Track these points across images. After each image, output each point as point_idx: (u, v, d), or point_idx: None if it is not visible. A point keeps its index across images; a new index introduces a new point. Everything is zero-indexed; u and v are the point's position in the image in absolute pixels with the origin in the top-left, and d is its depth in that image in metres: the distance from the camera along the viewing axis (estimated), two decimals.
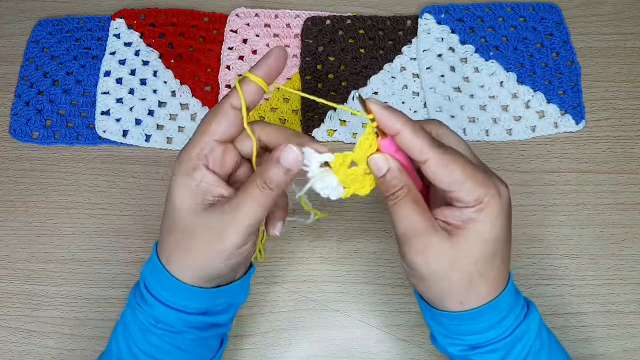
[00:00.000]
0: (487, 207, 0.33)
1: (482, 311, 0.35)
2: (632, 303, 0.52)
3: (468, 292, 0.35)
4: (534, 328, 0.37)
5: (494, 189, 0.34)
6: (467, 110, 0.59)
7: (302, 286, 0.53)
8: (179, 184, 0.35)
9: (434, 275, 0.35)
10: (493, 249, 0.34)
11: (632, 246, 0.54)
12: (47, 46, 0.63)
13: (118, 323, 0.40)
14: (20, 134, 0.59)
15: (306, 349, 0.51)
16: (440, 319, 0.37)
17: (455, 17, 0.63)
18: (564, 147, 0.58)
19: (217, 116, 0.36)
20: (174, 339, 0.37)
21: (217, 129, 0.36)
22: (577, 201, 0.56)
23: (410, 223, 0.34)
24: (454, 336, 0.37)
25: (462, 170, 0.33)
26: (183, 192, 0.35)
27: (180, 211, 0.35)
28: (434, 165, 0.33)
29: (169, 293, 0.36)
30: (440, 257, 0.34)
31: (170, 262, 0.36)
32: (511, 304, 0.36)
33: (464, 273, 0.34)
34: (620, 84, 0.60)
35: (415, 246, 0.34)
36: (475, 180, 0.33)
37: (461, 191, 0.33)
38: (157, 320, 0.37)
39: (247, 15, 0.64)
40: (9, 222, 0.56)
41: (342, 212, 0.55)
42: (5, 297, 0.53)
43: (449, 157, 0.33)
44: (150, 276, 0.37)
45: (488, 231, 0.34)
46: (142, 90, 0.60)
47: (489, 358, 0.36)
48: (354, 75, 0.61)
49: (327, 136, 0.59)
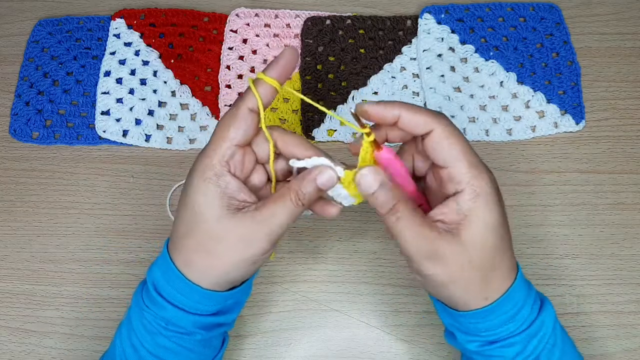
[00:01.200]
0: (482, 192, 0.34)
1: (499, 304, 0.35)
2: (632, 303, 0.52)
3: (487, 286, 0.35)
4: (550, 324, 0.37)
5: (485, 173, 0.35)
6: (467, 110, 0.59)
7: (302, 286, 0.53)
8: (202, 190, 0.35)
9: (454, 280, 0.35)
10: (499, 235, 0.35)
11: (632, 246, 0.54)
12: (47, 46, 0.63)
13: (122, 323, 0.40)
14: (20, 134, 0.59)
15: (306, 349, 0.51)
16: (459, 318, 0.37)
17: (455, 17, 0.63)
18: (564, 147, 0.58)
19: (236, 120, 0.36)
20: (182, 340, 0.37)
21: (237, 134, 0.36)
22: (577, 201, 0.56)
23: (419, 236, 0.34)
24: (471, 332, 0.37)
25: (461, 147, 0.34)
26: (208, 199, 0.35)
27: (203, 215, 0.35)
28: (437, 136, 0.34)
29: (183, 296, 0.36)
30: (456, 260, 0.34)
31: (190, 266, 0.36)
32: (524, 295, 0.36)
33: (481, 269, 0.34)
34: (620, 84, 0.60)
35: (429, 257, 0.34)
36: (470, 160, 0.34)
37: (455, 167, 0.34)
38: (168, 322, 0.37)
39: (247, 15, 0.64)
40: (9, 222, 0.56)
41: (342, 212, 0.55)
42: (5, 297, 0.53)
43: (452, 130, 0.35)
44: (162, 278, 0.37)
45: (489, 217, 0.34)
46: (142, 90, 0.60)
47: (505, 352, 0.36)
48: (354, 75, 0.61)
49: (327, 136, 0.59)
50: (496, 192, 0.35)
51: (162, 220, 0.55)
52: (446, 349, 0.50)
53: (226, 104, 0.60)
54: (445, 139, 0.34)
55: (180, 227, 0.37)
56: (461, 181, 0.34)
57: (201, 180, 0.35)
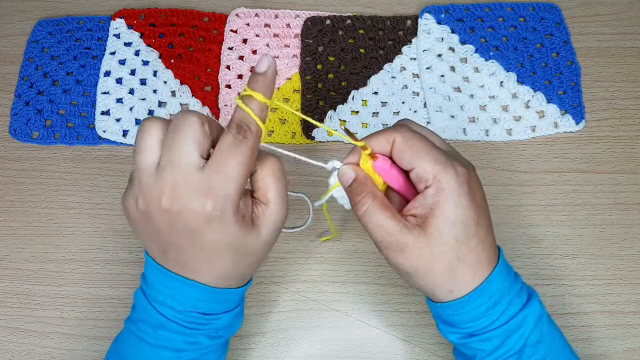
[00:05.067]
0: (447, 186, 0.35)
1: (471, 297, 0.36)
2: (632, 303, 0.52)
3: (453, 279, 0.36)
4: (532, 319, 0.37)
5: (450, 167, 0.35)
6: (467, 110, 0.59)
7: (302, 286, 0.53)
8: (227, 223, 0.34)
9: (418, 271, 0.36)
10: (464, 230, 0.35)
11: (632, 246, 0.54)
12: (47, 46, 0.63)
13: (122, 337, 0.40)
14: (20, 134, 0.59)
15: (306, 349, 0.51)
16: (438, 310, 0.39)
17: (455, 17, 0.63)
18: (564, 147, 0.58)
19: (251, 159, 0.34)
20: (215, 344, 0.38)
21: (249, 171, 0.34)
22: (577, 201, 0.56)
23: (384, 228, 0.36)
24: (452, 324, 0.38)
25: (422, 147, 0.36)
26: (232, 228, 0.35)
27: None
28: (398, 143, 0.36)
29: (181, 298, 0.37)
30: (419, 253, 0.35)
31: (187, 269, 0.37)
32: (502, 289, 0.37)
33: (444, 261, 0.35)
34: (620, 84, 0.60)
35: (393, 248, 0.36)
36: (434, 158, 0.35)
37: (419, 167, 0.35)
38: (218, 329, 0.38)
39: (247, 15, 0.64)
40: (9, 222, 0.56)
41: (342, 211, 0.55)
42: (5, 297, 0.53)
43: (411, 134, 0.36)
44: (157, 289, 0.37)
45: (452, 211, 0.35)
46: (142, 90, 0.60)
47: (484, 346, 0.37)
48: (354, 75, 0.61)
49: (327, 136, 0.59)
50: (464, 185, 0.35)
51: None
52: (446, 349, 0.50)
53: (226, 104, 0.60)
54: (404, 143, 0.36)
55: (203, 257, 0.37)
56: (427, 178, 0.35)
57: (230, 216, 0.34)
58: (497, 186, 0.56)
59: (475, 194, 0.36)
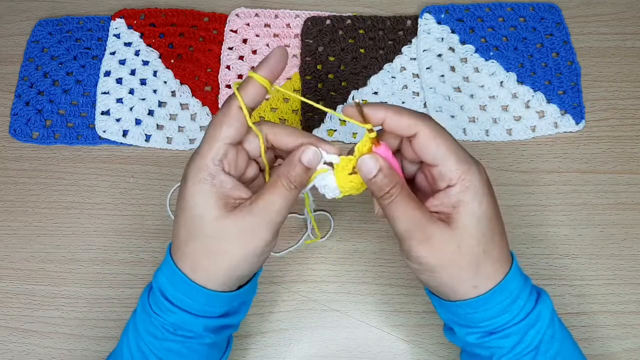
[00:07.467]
0: (471, 185, 0.35)
1: (493, 293, 0.36)
2: (632, 303, 0.52)
3: (478, 273, 0.36)
4: (547, 315, 0.37)
5: (474, 166, 0.36)
6: (467, 110, 0.59)
7: (302, 286, 0.53)
8: (198, 192, 0.36)
9: (443, 264, 0.36)
10: (489, 225, 0.36)
11: (632, 246, 0.54)
12: (47, 46, 0.63)
13: (128, 328, 0.40)
14: (20, 134, 0.59)
15: (306, 349, 0.51)
16: (454, 310, 0.38)
17: (455, 17, 0.63)
18: (564, 147, 0.58)
19: (228, 119, 0.36)
20: (191, 343, 0.38)
21: (229, 132, 0.36)
22: (577, 201, 0.56)
23: (411, 218, 0.36)
24: (470, 325, 0.38)
25: (448, 145, 0.36)
26: (204, 199, 0.35)
27: (203, 217, 0.36)
28: (424, 137, 0.35)
29: (191, 299, 0.36)
30: (445, 244, 0.35)
31: (197, 269, 0.36)
32: (520, 285, 0.37)
33: (470, 255, 0.35)
34: (620, 84, 0.60)
35: (419, 239, 0.35)
36: (458, 156, 0.36)
37: (445, 165, 0.35)
38: (176, 327, 0.37)
39: (247, 15, 0.64)
40: (9, 222, 0.56)
41: (342, 212, 0.55)
42: (5, 297, 0.53)
43: (438, 130, 0.36)
44: (169, 284, 0.37)
45: (478, 208, 0.35)
46: (142, 90, 0.60)
47: (504, 343, 0.37)
48: (354, 75, 0.61)
49: (327, 136, 0.59)
50: (485, 184, 0.36)
51: (162, 220, 0.55)
52: (446, 349, 0.50)
53: None
54: (431, 139, 0.35)
55: (181, 232, 0.37)
56: (452, 177, 0.35)
57: (196, 181, 0.36)
58: (497, 186, 0.56)
59: (493, 191, 0.37)
